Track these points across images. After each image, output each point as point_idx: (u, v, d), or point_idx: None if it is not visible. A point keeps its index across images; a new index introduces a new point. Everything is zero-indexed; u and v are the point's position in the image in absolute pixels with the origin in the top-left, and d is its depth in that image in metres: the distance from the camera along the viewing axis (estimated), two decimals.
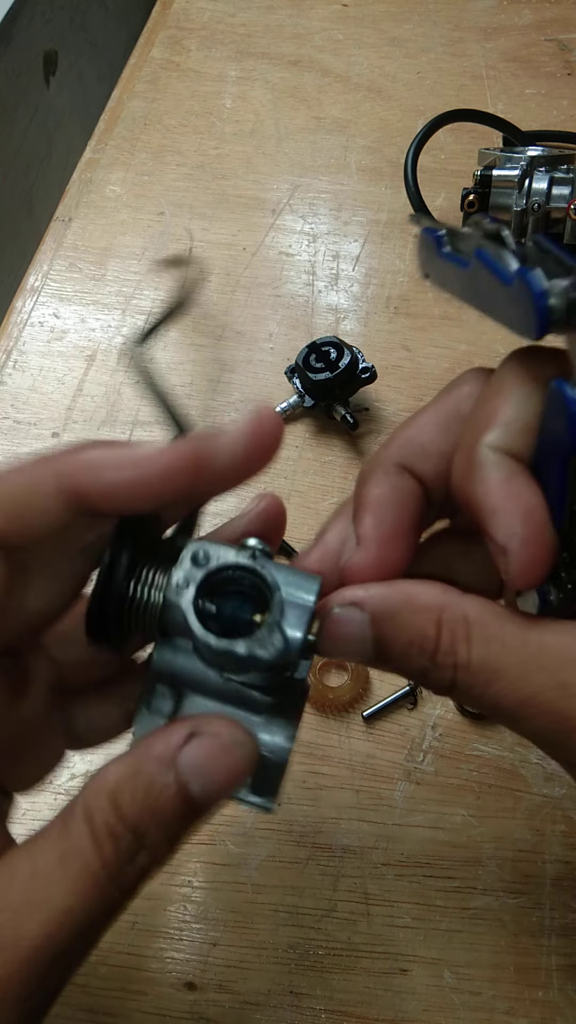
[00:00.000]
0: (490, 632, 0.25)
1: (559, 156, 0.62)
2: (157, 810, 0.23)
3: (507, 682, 0.24)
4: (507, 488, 0.25)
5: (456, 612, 0.25)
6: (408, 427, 0.28)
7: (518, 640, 0.25)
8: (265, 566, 0.26)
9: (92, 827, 0.23)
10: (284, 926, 0.41)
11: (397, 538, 0.28)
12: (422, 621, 0.25)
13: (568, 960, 0.40)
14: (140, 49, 0.84)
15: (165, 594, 0.25)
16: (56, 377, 0.61)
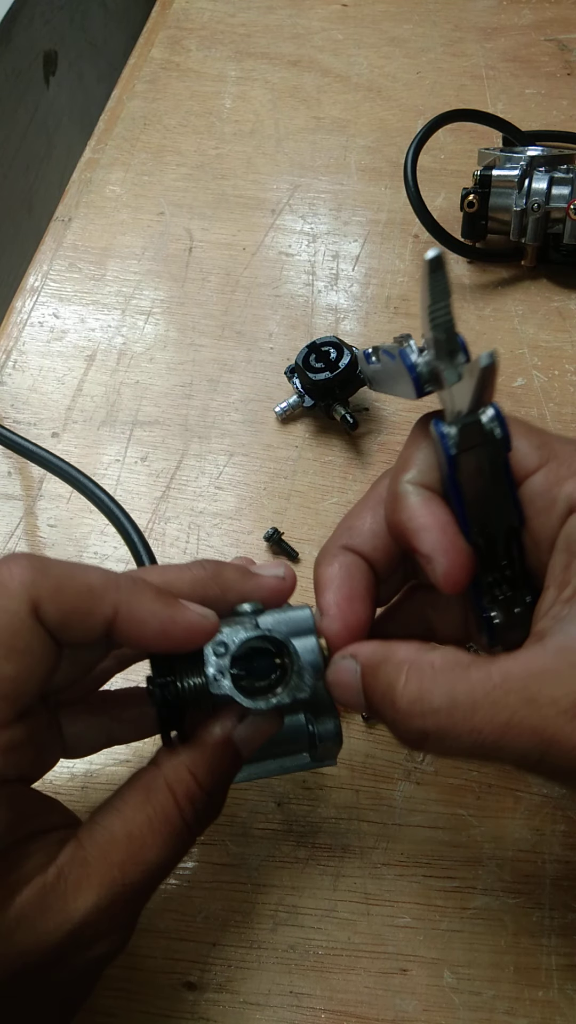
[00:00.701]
0: (456, 674, 0.28)
1: (559, 156, 0.62)
2: (222, 774, 0.32)
3: (483, 713, 0.27)
4: (425, 510, 0.31)
5: (424, 662, 0.29)
6: (347, 517, 0.35)
7: (483, 673, 0.28)
8: (271, 630, 0.32)
9: (176, 796, 0.30)
10: (284, 926, 0.41)
11: (353, 602, 0.33)
12: (394, 671, 0.29)
13: (568, 960, 0.40)
14: (140, 49, 0.84)
15: (210, 690, 0.31)
16: (56, 377, 0.61)
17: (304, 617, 0.34)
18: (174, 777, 0.31)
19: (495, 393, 0.30)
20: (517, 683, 0.27)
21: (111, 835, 0.30)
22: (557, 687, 0.27)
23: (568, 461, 0.31)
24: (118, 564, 0.52)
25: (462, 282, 0.64)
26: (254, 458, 0.56)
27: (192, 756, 0.31)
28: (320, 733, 0.36)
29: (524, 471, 0.31)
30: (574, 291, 0.63)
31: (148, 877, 0.30)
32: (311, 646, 0.33)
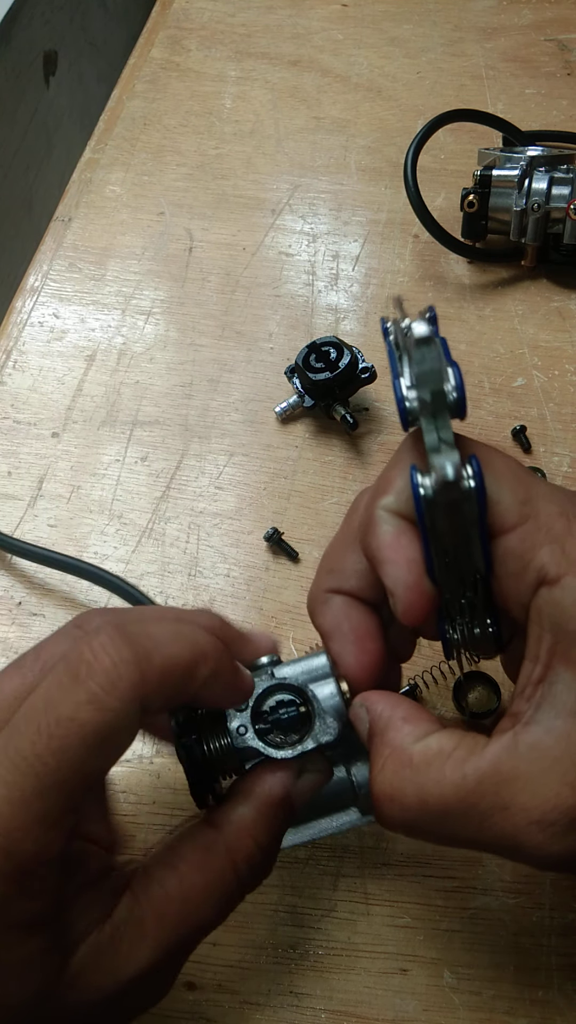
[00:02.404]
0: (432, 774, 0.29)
1: (559, 156, 0.62)
2: (279, 831, 0.32)
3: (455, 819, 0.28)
4: (395, 542, 0.30)
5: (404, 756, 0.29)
6: (328, 556, 0.34)
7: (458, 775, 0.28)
8: (287, 678, 0.32)
9: (235, 861, 0.30)
10: (284, 926, 0.41)
11: (361, 644, 0.33)
12: (377, 752, 0.30)
13: (568, 960, 0.40)
14: (140, 49, 0.84)
15: (235, 744, 0.31)
16: (56, 377, 0.61)
17: (321, 664, 0.34)
18: (235, 841, 0.31)
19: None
20: (490, 787, 0.27)
21: (167, 894, 0.30)
22: (529, 795, 0.27)
23: (547, 524, 0.29)
24: (118, 564, 0.52)
25: (462, 282, 0.64)
26: (254, 458, 0.56)
27: (253, 817, 0.31)
28: (359, 781, 0.35)
29: (501, 526, 0.30)
30: (574, 291, 0.63)
31: (199, 935, 0.31)
32: (331, 691, 0.33)
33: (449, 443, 0.29)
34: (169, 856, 0.30)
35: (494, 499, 0.29)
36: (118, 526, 0.54)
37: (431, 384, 0.29)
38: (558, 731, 0.28)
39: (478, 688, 0.46)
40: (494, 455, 0.31)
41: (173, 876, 0.30)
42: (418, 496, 0.29)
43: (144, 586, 0.51)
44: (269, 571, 0.52)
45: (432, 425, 0.29)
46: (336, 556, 0.34)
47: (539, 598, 0.29)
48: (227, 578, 0.51)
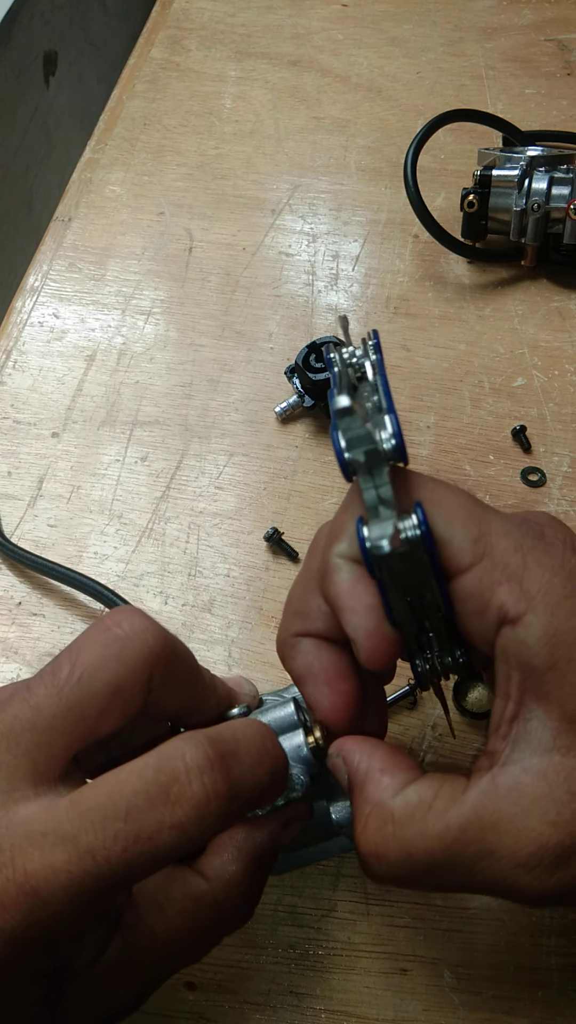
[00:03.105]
0: (414, 828, 0.29)
1: (559, 156, 0.62)
2: (264, 879, 0.33)
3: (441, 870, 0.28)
4: (352, 590, 0.30)
5: (385, 811, 0.29)
6: (292, 599, 0.34)
7: (441, 826, 0.28)
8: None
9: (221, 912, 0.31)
10: (284, 926, 0.41)
11: (334, 686, 0.32)
12: (359, 807, 0.30)
13: (568, 960, 0.40)
14: (140, 49, 0.84)
15: None
16: (56, 377, 0.61)
17: (288, 714, 0.34)
18: (223, 896, 0.31)
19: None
20: (474, 834, 0.27)
21: (155, 937, 0.30)
22: (513, 838, 0.27)
23: (503, 562, 0.29)
24: (118, 564, 0.52)
25: (462, 282, 0.64)
26: (254, 458, 0.56)
27: (241, 874, 0.31)
28: (338, 820, 0.35)
29: (456, 567, 0.29)
30: (574, 291, 0.63)
31: (178, 969, 0.31)
32: (298, 743, 0.33)
33: (387, 501, 0.29)
34: (160, 899, 0.30)
35: (446, 539, 0.29)
36: (118, 526, 0.54)
37: (362, 445, 0.28)
38: (535, 769, 0.28)
39: (478, 688, 0.46)
40: (443, 492, 0.30)
41: (162, 921, 0.30)
42: (365, 551, 0.29)
43: (144, 586, 0.51)
44: (269, 571, 0.52)
45: (370, 483, 0.29)
46: (300, 599, 0.33)
47: (503, 637, 0.29)
48: (227, 578, 0.51)
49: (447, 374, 0.59)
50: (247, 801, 0.29)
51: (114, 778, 0.27)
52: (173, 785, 0.27)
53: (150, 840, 0.26)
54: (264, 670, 0.48)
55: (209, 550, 0.53)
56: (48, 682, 0.29)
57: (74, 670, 0.29)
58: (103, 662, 0.29)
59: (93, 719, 0.29)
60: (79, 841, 0.26)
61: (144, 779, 0.27)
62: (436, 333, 0.62)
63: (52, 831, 0.26)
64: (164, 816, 0.26)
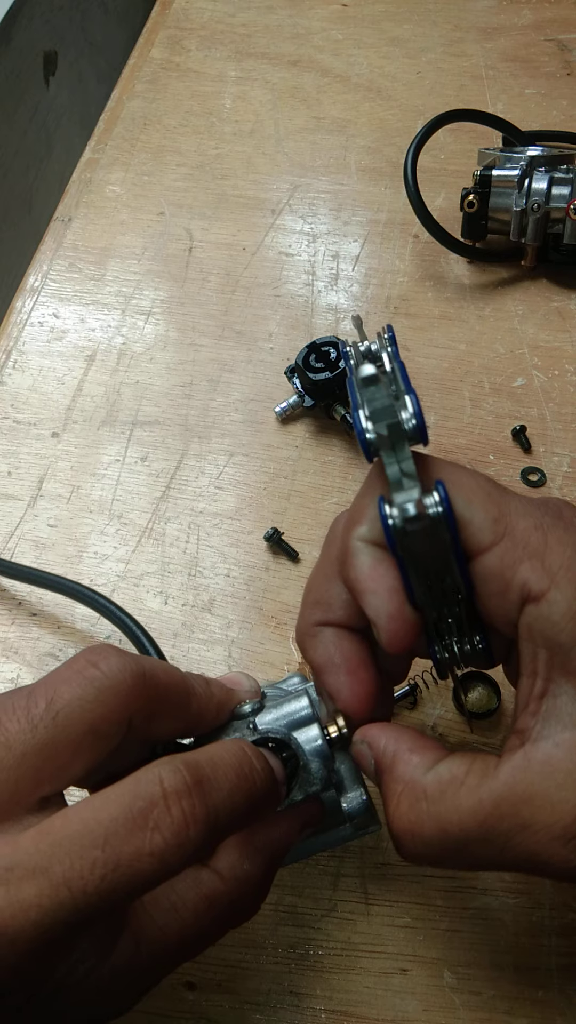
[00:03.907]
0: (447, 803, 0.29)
1: (559, 156, 0.62)
2: (272, 878, 0.33)
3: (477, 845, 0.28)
4: (373, 572, 0.30)
5: (417, 788, 0.29)
6: (312, 588, 0.34)
7: (474, 801, 0.28)
8: (271, 730, 0.33)
9: (235, 909, 0.31)
10: (284, 926, 0.41)
11: (355, 675, 0.32)
12: (391, 789, 0.30)
13: (568, 960, 0.40)
14: (140, 49, 0.84)
15: None
16: (56, 377, 0.61)
17: (302, 706, 0.34)
18: (237, 896, 0.31)
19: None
20: (508, 809, 0.27)
21: (167, 939, 0.29)
22: (548, 812, 0.27)
23: (524, 540, 0.29)
24: (118, 564, 0.52)
25: (462, 282, 0.64)
26: (254, 458, 0.56)
27: (257, 874, 0.31)
28: (350, 811, 0.36)
29: (477, 547, 0.29)
30: (574, 291, 0.63)
31: (181, 964, 0.31)
32: (315, 734, 0.33)
33: (411, 475, 0.29)
34: (173, 900, 0.30)
35: (466, 519, 0.29)
36: (118, 526, 0.54)
37: (385, 419, 0.28)
38: (568, 743, 0.28)
39: (478, 688, 0.46)
40: (462, 475, 0.30)
41: (176, 922, 0.29)
42: (388, 527, 0.29)
43: (144, 586, 0.51)
44: (269, 571, 0.52)
45: (392, 458, 0.29)
46: (320, 587, 0.33)
47: (527, 615, 0.29)
48: (227, 578, 0.51)
49: (447, 374, 0.59)
50: (227, 825, 0.28)
51: (88, 806, 0.27)
52: (151, 811, 0.26)
53: (129, 867, 0.25)
54: (264, 670, 0.48)
55: (209, 550, 0.53)
56: (21, 717, 0.28)
57: (50, 707, 0.28)
58: (80, 702, 0.29)
59: (66, 758, 0.28)
60: (51, 872, 0.25)
61: (121, 805, 0.26)
62: (436, 333, 0.62)
63: (18, 864, 0.25)
64: (143, 843, 0.26)
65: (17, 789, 0.28)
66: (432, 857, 0.29)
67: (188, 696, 0.32)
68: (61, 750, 0.28)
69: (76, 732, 0.28)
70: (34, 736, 0.28)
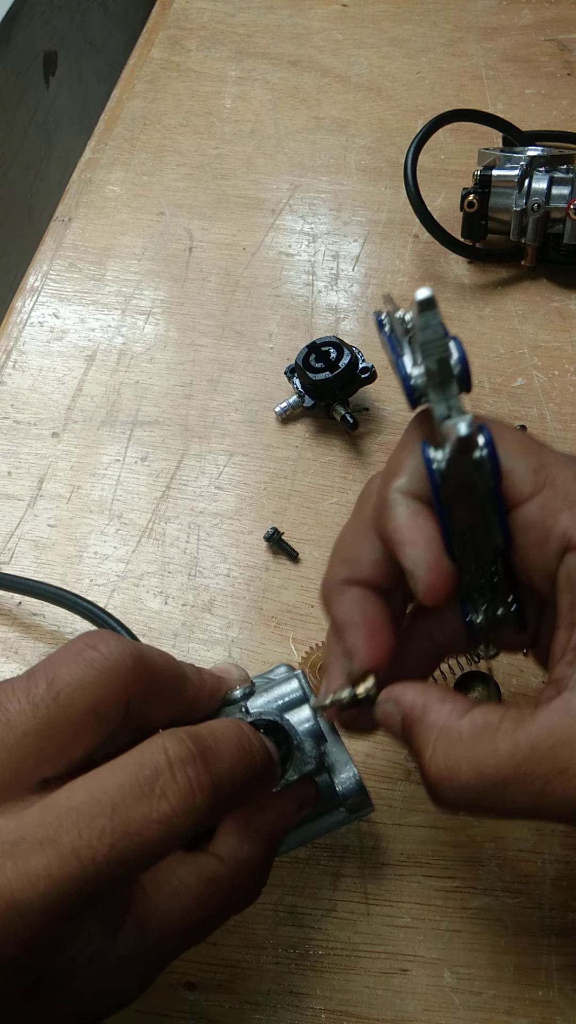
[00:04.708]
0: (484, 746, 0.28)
1: (559, 156, 0.62)
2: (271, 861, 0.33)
3: (514, 787, 0.27)
4: (412, 523, 0.30)
5: (452, 732, 0.29)
6: (342, 545, 0.34)
7: (511, 744, 0.28)
8: (263, 713, 0.33)
9: (236, 891, 0.31)
10: (284, 926, 0.41)
11: (377, 636, 0.32)
12: (424, 737, 0.30)
13: (568, 960, 0.40)
14: (140, 49, 0.84)
15: None
16: (56, 377, 0.61)
17: (293, 689, 0.34)
18: (239, 879, 0.31)
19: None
20: (546, 753, 0.27)
21: (170, 925, 0.29)
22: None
23: (564, 490, 0.29)
24: (118, 564, 0.52)
25: (462, 282, 0.64)
26: (254, 458, 0.56)
27: (257, 856, 0.31)
28: (344, 792, 0.36)
29: (517, 497, 0.30)
30: (574, 291, 0.63)
31: (185, 951, 0.31)
32: (306, 716, 0.33)
33: (459, 409, 0.29)
34: (175, 884, 0.30)
35: (507, 469, 0.29)
36: (118, 526, 0.54)
37: (437, 352, 0.29)
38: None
39: (478, 688, 0.46)
40: (502, 428, 0.30)
41: (178, 907, 0.29)
42: (431, 470, 0.29)
43: (144, 586, 0.51)
44: (269, 571, 0.52)
45: (441, 395, 0.29)
46: (350, 545, 0.33)
47: (566, 564, 0.29)
48: (227, 578, 0.51)
49: None
50: (230, 796, 0.29)
51: (93, 778, 0.27)
52: (157, 779, 0.26)
53: (138, 836, 0.26)
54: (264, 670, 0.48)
55: (209, 550, 0.53)
56: (22, 697, 0.28)
57: (51, 688, 0.29)
58: (81, 682, 0.29)
59: (67, 739, 0.28)
60: (59, 843, 0.25)
61: (127, 775, 0.27)
62: None
63: (24, 838, 0.25)
64: (151, 810, 0.26)
65: (19, 769, 0.28)
66: (468, 802, 0.29)
67: (182, 681, 0.32)
68: (62, 730, 0.28)
69: (77, 713, 0.28)
70: (35, 716, 0.28)
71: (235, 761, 0.29)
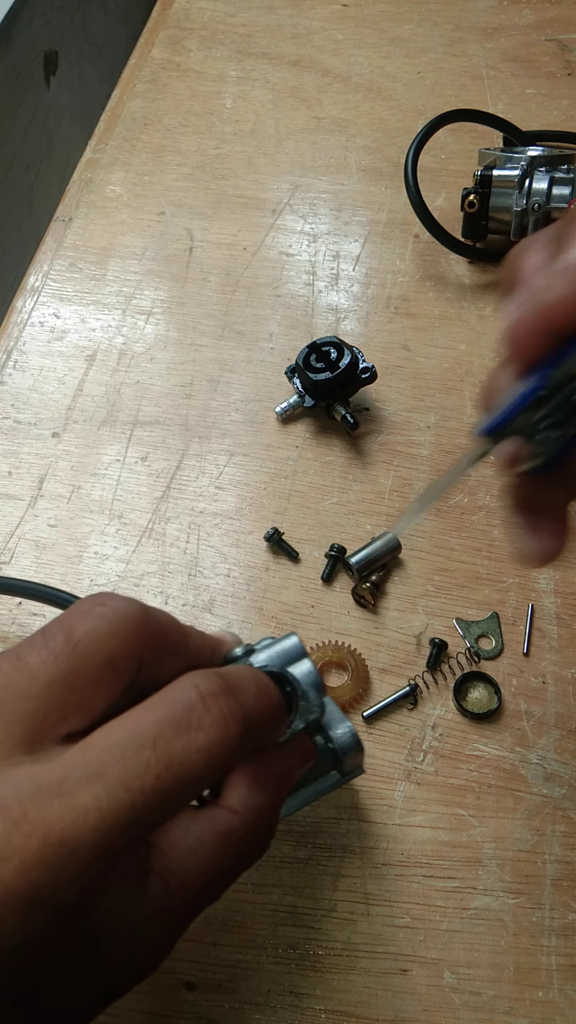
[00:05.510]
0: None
1: (559, 156, 0.62)
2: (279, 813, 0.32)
3: None
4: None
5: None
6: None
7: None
8: (267, 665, 0.33)
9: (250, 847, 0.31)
10: (284, 926, 0.41)
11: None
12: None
13: (568, 960, 0.40)
14: (140, 49, 0.84)
15: None
16: (56, 377, 0.61)
17: (293, 644, 0.35)
18: (252, 830, 0.31)
19: None
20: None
21: (190, 881, 0.29)
22: None
23: None
24: (118, 564, 0.52)
25: (462, 282, 0.64)
26: (254, 458, 0.56)
27: (268, 805, 0.31)
28: (340, 746, 0.36)
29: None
30: None
31: (203, 910, 0.31)
32: (307, 669, 0.34)
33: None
34: (190, 840, 0.29)
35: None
36: (118, 526, 0.54)
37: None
38: None
39: (478, 688, 0.46)
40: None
41: (196, 863, 0.29)
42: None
43: (144, 586, 0.51)
44: (269, 571, 0.52)
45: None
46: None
47: None
48: (227, 578, 0.51)
49: (447, 374, 0.59)
50: (257, 728, 0.29)
51: (129, 716, 0.27)
52: (192, 712, 0.27)
53: (181, 766, 0.26)
54: None
55: (209, 550, 0.53)
56: (42, 651, 0.29)
57: (69, 640, 0.29)
58: (96, 634, 0.29)
59: (88, 690, 0.29)
60: (106, 776, 0.25)
61: (163, 710, 0.27)
62: (436, 333, 0.62)
63: (69, 776, 0.25)
64: (190, 741, 0.27)
65: (46, 719, 0.28)
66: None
67: (186, 636, 0.33)
68: (83, 681, 0.28)
69: (96, 663, 0.29)
70: (57, 666, 0.28)
71: (257, 698, 0.30)
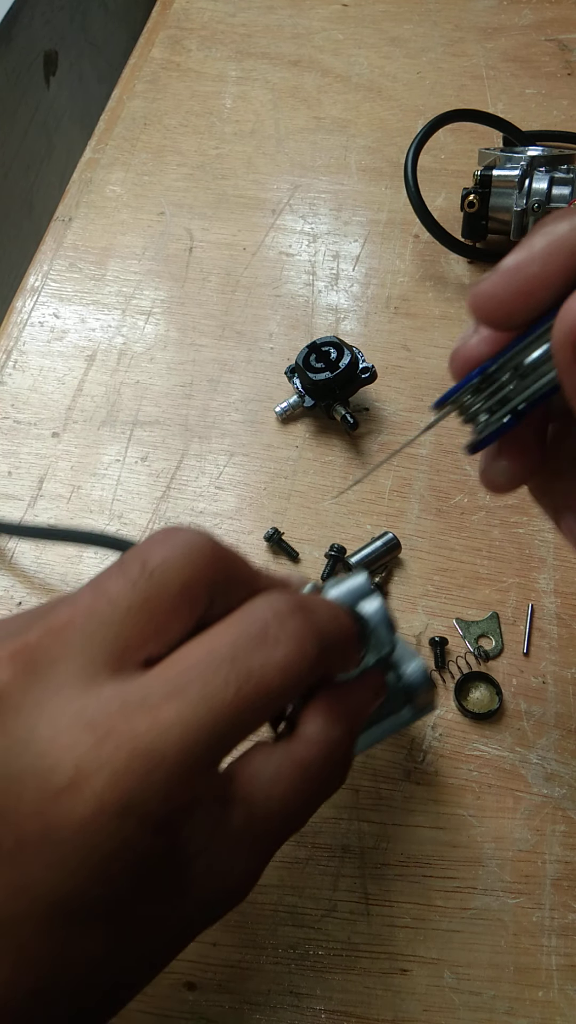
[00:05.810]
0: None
1: (559, 156, 0.62)
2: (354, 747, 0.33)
3: None
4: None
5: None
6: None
7: None
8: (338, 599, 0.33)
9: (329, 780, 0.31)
10: (284, 926, 0.41)
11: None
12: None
13: (568, 960, 0.40)
14: (140, 49, 0.84)
15: None
16: (56, 377, 0.61)
17: (361, 582, 0.34)
18: (328, 761, 0.31)
19: None
20: None
21: (271, 808, 0.29)
22: None
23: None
24: None
25: (462, 282, 0.64)
26: (254, 458, 0.56)
27: (345, 737, 0.31)
28: (412, 682, 0.36)
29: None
30: None
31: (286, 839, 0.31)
32: (377, 605, 0.34)
33: None
34: (270, 770, 0.30)
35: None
36: (118, 526, 0.54)
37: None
38: None
39: (479, 688, 0.46)
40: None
41: (277, 793, 0.29)
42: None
43: None
44: (269, 571, 0.51)
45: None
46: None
47: None
48: None
49: (447, 374, 0.59)
50: (332, 651, 0.29)
51: (205, 636, 0.28)
52: (268, 629, 0.27)
53: (260, 681, 0.27)
54: None
55: None
56: (119, 579, 0.29)
57: (144, 568, 0.29)
58: (170, 562, 0.29)
59: (165, 616, 0.29)
60: (188, 692, 0.26)
61: (239, 629, 0.28)
62: (437, 333, 0.62)
63: (153, 692, 0.26)
64: (268, 657, 0.27)
65: (127, 643, 0.28)
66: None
67: (255, 571, 0.33)
68: (160, 608, 0.29)
69: (172, 590, 0.29)
70: (135, 592, 0.28)
71: (330, 620, 0.30)
